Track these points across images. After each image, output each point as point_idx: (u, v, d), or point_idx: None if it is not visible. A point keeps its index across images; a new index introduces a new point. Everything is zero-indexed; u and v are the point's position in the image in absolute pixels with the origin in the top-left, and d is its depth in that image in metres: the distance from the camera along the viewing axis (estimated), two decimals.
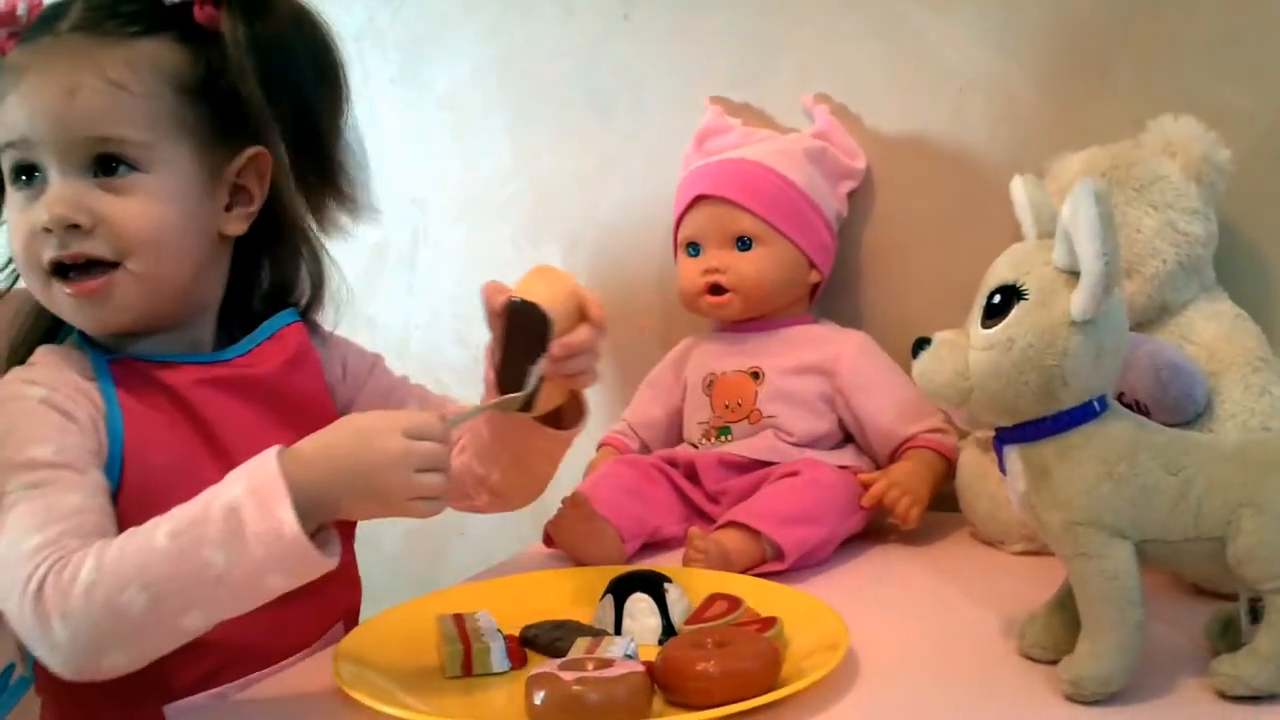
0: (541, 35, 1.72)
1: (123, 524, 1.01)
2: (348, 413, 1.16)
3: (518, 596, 1.21)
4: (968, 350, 0.97)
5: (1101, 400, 0.97)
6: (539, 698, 0.94)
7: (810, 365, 1.45)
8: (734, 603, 1.12)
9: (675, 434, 1.54)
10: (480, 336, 1.76)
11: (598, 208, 1.72)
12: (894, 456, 1.43)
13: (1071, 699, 0.96)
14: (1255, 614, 1.02)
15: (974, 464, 1.36)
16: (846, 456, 1.44)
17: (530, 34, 1.73)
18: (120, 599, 0.94)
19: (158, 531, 0.97)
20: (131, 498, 1.06)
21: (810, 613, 1.11)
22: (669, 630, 1.11)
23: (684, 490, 1.44)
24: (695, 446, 1.48)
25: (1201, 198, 1.29)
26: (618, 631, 1.12)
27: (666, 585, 1.14)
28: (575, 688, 0.94)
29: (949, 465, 1.40)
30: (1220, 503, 0.94)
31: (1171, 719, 0.95)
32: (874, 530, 1.40)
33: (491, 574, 1.33)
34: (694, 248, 1.49)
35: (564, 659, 1.00)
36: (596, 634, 1.08)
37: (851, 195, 1.54)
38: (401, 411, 1.10)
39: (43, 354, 1.12)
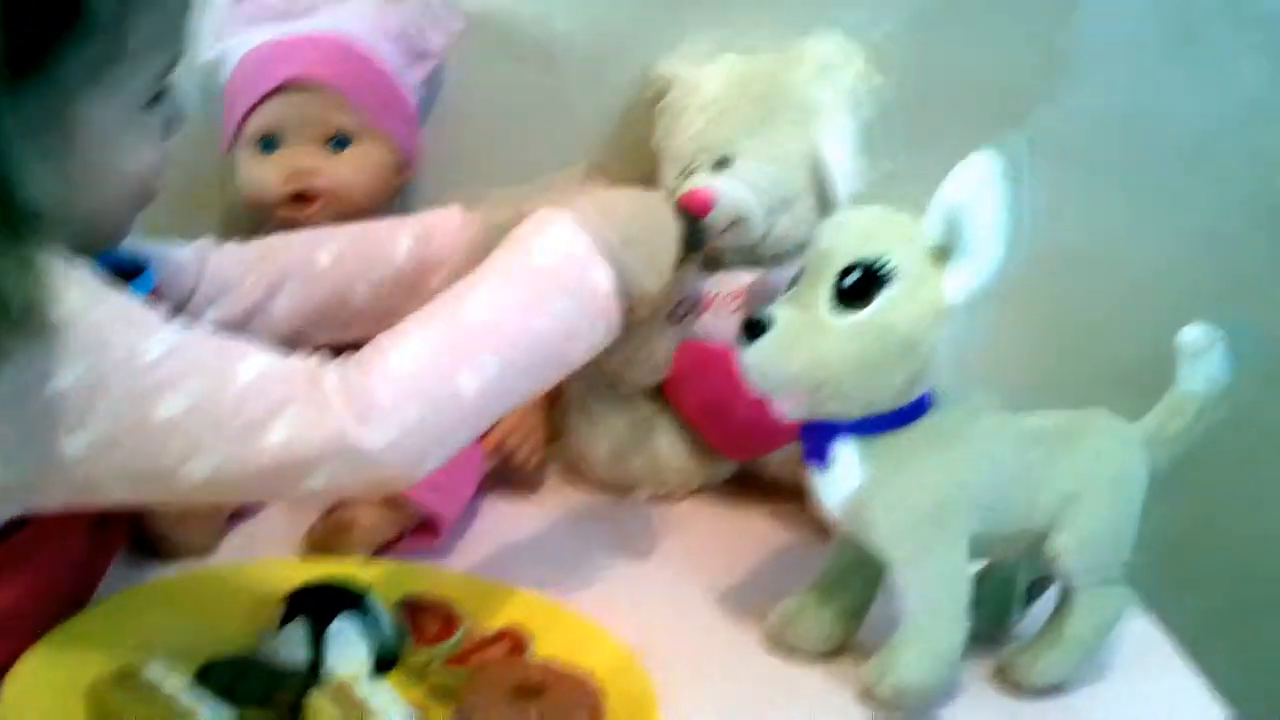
0: None
1: None
2: None
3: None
4: (821, 336, 0.84)
5: (944, 388, 0.88)
6: None
7: None
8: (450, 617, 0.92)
9: None
10: None
11: None
12: None
13: (884, 707, 0.88)
14: (1030, 596, 0.99)
15: None
16: None
17: None
18: (455, 382, 0.81)
19: (467, 303, 0.85)
20: None
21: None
22: (386, 659, 0.89)
23: None
24: None
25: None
26: (313, 667, 0.86)
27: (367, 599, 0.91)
28: None
29: None
30: (1052, 493, 0.90)
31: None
32: None
33: None
34: (269, 143, 1.22)
35: None
36: (303, 681, 0.84)
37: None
38: None
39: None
